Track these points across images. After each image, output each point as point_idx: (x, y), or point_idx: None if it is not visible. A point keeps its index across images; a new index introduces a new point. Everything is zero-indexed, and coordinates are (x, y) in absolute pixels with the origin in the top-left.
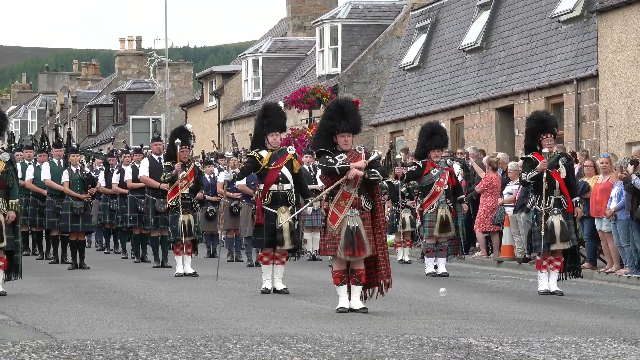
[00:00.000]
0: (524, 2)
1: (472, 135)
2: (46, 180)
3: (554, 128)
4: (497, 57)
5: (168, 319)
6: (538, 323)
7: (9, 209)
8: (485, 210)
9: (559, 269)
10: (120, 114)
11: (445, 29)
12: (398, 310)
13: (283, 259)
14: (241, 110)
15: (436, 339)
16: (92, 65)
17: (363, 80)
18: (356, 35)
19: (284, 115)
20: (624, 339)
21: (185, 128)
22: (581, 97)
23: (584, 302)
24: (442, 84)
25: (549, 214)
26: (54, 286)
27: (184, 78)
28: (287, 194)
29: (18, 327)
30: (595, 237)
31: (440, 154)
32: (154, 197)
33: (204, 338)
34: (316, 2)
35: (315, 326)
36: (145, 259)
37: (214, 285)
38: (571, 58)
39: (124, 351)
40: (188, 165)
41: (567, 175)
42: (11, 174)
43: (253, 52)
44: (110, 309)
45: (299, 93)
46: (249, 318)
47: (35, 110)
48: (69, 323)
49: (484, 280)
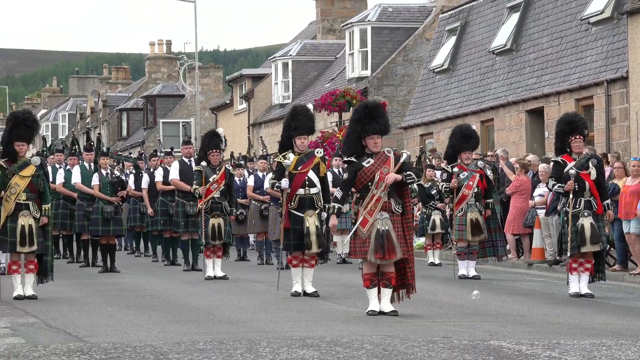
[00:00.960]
0: (554, 3)
1: (502, 138)
2: (76, 184)
3: (583, 129)
4: (527, 59)
5: (198, 322)
6: (569, 325)
7: (41, 214)
8: (515, 213)
9: (589, 272)
10: (151, 117)
11: (475, 31)
12: (428, 313)
13: (312, 262)
14: (271, 113)
15: (466, 341)
16: (123, 68)
17: (393, 82)
18: (386, 38)
19: (312, 117)
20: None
21: (216, 132)
22: (611, 98)
23: (615, 304)
24: (472, 86)
25: (579, 216)
26: (85, 289)
27: (214, 81)
28: (314, 198)
29: (49, 330)
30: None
31: (470, 156)
32: (184, 200)
33: (234, 341)
34: (346, 5)
35: (345, 329)
36: (175, 262)
37: (245, 288)
38: (601, 60)
39: (154, 354)
40: (219, 168)
41: (597, 176)
42: (42, 178)
43: (283, 55)
44: (141, 312)
45: (329, 96)
46: (279, 321)
47: (66, 114)
48: (100, 326)
49: (514, 282)
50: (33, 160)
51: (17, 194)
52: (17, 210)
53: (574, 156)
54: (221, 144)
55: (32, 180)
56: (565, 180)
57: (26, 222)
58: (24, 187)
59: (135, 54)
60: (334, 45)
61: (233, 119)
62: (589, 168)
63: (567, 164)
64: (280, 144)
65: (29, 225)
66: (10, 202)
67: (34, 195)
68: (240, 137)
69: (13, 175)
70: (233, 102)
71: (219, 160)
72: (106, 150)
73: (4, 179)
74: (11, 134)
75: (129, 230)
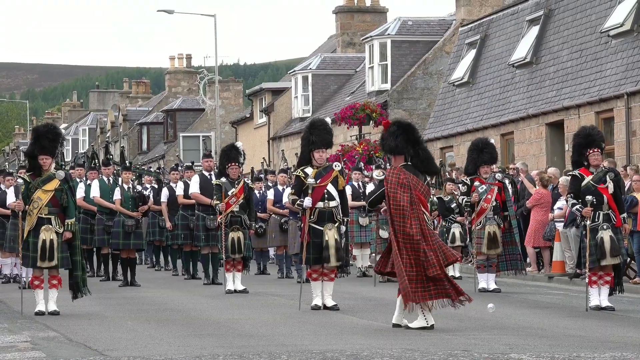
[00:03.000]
0: (574, 16)
1: (522, 151)
2: (95, 198)
3: (600, 142)
4: (546, 72)
5: (218, 335)
6: (589, 339)
7: (65, 229)
8: (536, 226)
9: (609, 284)
10: (171, 131)
11: (495, 44)
12: (448, 326)
13: (332, 275)
14: (291, 127)
15: (487, 354)
16: (143, 83)
17: (412, 96)
18: (405, 51)
19: (331, 131)
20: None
21: (235, 145)
22: (632, 111)
23: (636, 317)
24: (492, 99)
25: (599, 229)
26: (105, 303)
27: (234, 95)
28: (334, 211)
29: (69, 344)
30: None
31: (489, 170)
32: (204, 214)
33: (254, 355)
34: (365, 19)
35: (365, 342)
36: (195, 275)
37: (265, 302)
38: (621, 72)
39: None
40: (238, 182)
41: (614, 190)
42: (66, 192)
43: (303, 69)
44: (161, 326)
45: (349, 109)
46: (299, 334)
47: (86, 128)
48: (120, 340)
49: (534, 295)
50: (58, 174)
51: (39, 208)
52: (39, 224)
53: (592, 169)
54: (240, 157)
55: (55, 195)
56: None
57: (47, 236)
58: (46, 201)
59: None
60: (353, 59)
61: (253, 132)
62: (607, 182)
63: (584, 177)
64: (300, 157)
65: (50, 240)
66: (33, 216)
67: (57, 210)
68: (261, 151)
69: (36, 189)
70: (253, 116)
71: (238, 174)
72: (129, 164)
73: (27, 193)
74: (34, 147)
75: (148, 244)
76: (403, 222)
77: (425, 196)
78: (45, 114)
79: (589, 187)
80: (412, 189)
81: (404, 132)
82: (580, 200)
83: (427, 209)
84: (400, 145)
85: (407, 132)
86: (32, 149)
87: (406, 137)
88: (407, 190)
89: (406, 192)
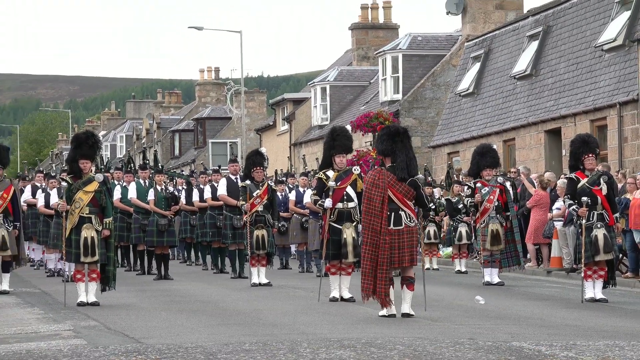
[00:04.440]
0: (570, 32)
1: (523, 156)
2: (132, 199)
3: (595, 148)
4: (545, 84)
5: (244, 324)
6: (584, 328)
7: (103, 227)
8: (535, 224)
9: (603, 278)
10: (200, 138)
11: (498, 57)
12: (455, 317)
13: (349, 270)
14: (310, 134)
15: (490, 342)
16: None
17: (422, 105)
18: (415, 65)
19: (351, 138)
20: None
21: (259, 151)
22: (623, 119)
23: (627, 308)
24: (495, 108)
25: (593, 228)
26: (141, 295)
27: (258, 105)
28: (352, 211)
29: (108, 332)
30: (636, 249)
31: (491, 172)
32: (231, 214)
33: (277, 342)
34: (379, 34)
35: (379, 331)
36: (223, 270)
37: (287, 294)
38: (614, 84)
39: (204, 354)
40: (262, 184)
41: (608, 192)
42: (104, 193)
43: (321, 81)
44: (192, 316)
45: (364, 118)
46: (318, 324)
47: (123, 135)
48: (155, 329)
49: (534, 288)
50: (97, 177)
51: (80, 208)
52: (81, 223)
53: (587, 173)
54: (264, 162)
55: (94, 196)
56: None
57: (89, 234)
58: (87, 201)
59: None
60: (368, 71)
61: (276, 139)
62: (601, 184)
63: (580, 180)
64: (322, 162)
65: (91, 237)
66: (75, 216)
67: (97, 210)
68: (283, 156)
69: (77, 190)
70: (276, 124)
71: (262, 177)
72: (161, 167)
73: (69, 194)
74: (75, 152)
75: (180, 241)
76: (371, 219)
77: (405, 195)
78: (86, 122)
79: (585, 189)
80: (386, 189)
81: (391, 137)
82: (577, 201)
83: (409, 207)
84: (383, 148)
85: (391, 135)
86: (73, 154)
87: (389, 139)
88: (381, 191)
89: (379, 192)
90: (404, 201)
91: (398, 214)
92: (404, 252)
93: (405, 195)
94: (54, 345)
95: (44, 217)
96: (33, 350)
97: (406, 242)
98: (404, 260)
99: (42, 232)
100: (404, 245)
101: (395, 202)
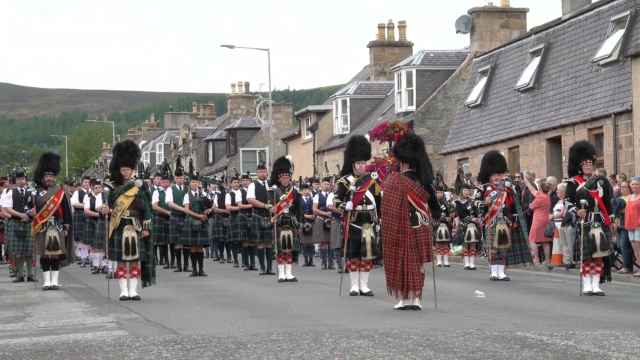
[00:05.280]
0: (569, 49)
1: (526, 162)
2: (169, 203)
3: (592, 155)
4: (546, 96)
5: (272, 317)
6: (582, 319)
7: (143, 228)
8: (538, 225)
9: (599, 274)
10: (232, 146)
11: (503, 72)
12: (464, 309)
13: (368, 266)
14: (332, 142)
15: (496, 332)
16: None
17: (434, 116)
18: (428, 79)
19: (369, 146)
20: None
21: (286, 158)
22: (618, 128)
23: (622, 301)
24: (501, 118)
25: (590, 227)
26: (178, 290)
27: (285, 116)
28: (370, 213)
29: (148, 324)
30: (630, 246)
31: (499, 177)
32: (259, 216)
33: (302, 333)
34: (394, 52)
35: (395, 323)
36: (253, 267)
37: (311, 289)
38: (609, 96)
39: (235, 344)
40: (288, 189)
41: (604, 194)
42: (144, 197)
43: (342, 94)
44: (224, 309)
45: (381, 128)
46: (339, 316)
47: (162, 144)
48: (190, 321)
49: (537, 283)
50: (136, 183)
51: (122, 211)
52: (122, 224)
53: (585, 177)
54: (290, 168)
55: (135, 200)
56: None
57: (129, 234)
58: (128, 205)
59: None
60: (384, 85)
61: (301, 147)
62: (597, 188)
63: (578, 184)
64: (343, 168)
65: (132, 237)
66: (117, 218)
67: (137, 212)
68: (307, 163)
69: (119, 195)
70: (300, 134)
71: (288, 182)
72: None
73: (112, 198)
74: (117, 160)
75: (214, 240)
76: (390, 220)
77: (421, 197)
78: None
79: (583, 192)
80: (405, 192)
81: (410, 145)
82: (575, 203)
83: (424, 208)
84: (406, 155)
85: (413, 145)
86: (115, 162)
87: (412, 148)
88: (399, 194)
89: (398, 194)
90: (419, 203)
91: (414, 215)
92: (422, 249)
93: (420, 198)
94: (98, 336)
95: (90, 219)
96: (79, 341)
97: (423, 239)
98: (422, 257)
99: (88, 232)
100: (421, 243)
101: (412, 204)
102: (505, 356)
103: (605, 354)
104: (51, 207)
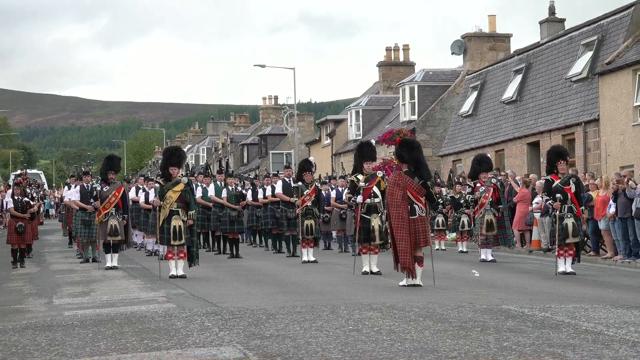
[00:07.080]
0: (546, 68)
1: (510, 163)
2: (212, 196)
3: (566, 156)
4: (527, 107)
5: (296, 292)
6: (557, 294)
7: (188, 218)
8: (520, 215)
9: (572, 256)
10: (263, 149)
11: (491, 87)
12: (458, 286)
13: (376, 250)
14: (347, 146)
15: (485, 306)
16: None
17: (433, 124)
18: (428, 93)
19: (375, 149)
20: (619, 305)
21: (308, 160)
22: (587, 134)
23: (591, 279)
24: (489, 126)
25: (564, 218)
26: (217, 270)
27: (307, 124)
28: (377, 205)
29: (193, 298)
30: (597, 233)
31: (487, 175)
32: (286, 208)
33: (321, 306)
34: (399, 70)
35: (399, 297)
36: (281, 250)
37: (329, 269)
38: (580, 107)
39: (266, 315)
40: (311, 185)
41: (576, 190)
42: (189, 192)
43: (355, 106)
44: (256, 285)
45: (388, 134)
46: (353, 292)
47: (205, 148)
48: (228, 296)
49: (519, 264)
50: (182, 180)
51: (170, 203)
52: (171, 215)
53: (560, 175)
54: (312, 168)
55: (181, 194)
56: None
57: (177, 223)
58: (176, 198)
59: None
60: (391, 98)
61: (321, 150)
62: (570, 184)
63: (554, 181)
64: (354, 168)
65: (179, 225)
66: (166, 209)
67: (183, 204)
68: (326, 164)
69: (168, 190)
70: (321, 139)
71: (311, 179)
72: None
73: (162, 193)
74: (167, 162)
75: (248, 228)
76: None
77: (418, 193)
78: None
79: (558, 188)
80: (405, 188)
81: (407, 148)
82: (552, 197)
83: (421, 201)
84: (405, 157)
85: (410, 148)
86: (164, 163)
87: (409, 151)
88: (401, 189)
89: (400, 189)
90: (417, 197)
91: (413, 207)
92: (419, 235)
93: (418, 193)
94: (151, 308)
95: (144, 210)
96: (135, 312)
97: (420, 227)
98: (420, 242)
99: (143, 221)
100: (419, 230)
101: (410, 198)
102: (492, 326)
103: (577, 324)
104: (112, 200)
